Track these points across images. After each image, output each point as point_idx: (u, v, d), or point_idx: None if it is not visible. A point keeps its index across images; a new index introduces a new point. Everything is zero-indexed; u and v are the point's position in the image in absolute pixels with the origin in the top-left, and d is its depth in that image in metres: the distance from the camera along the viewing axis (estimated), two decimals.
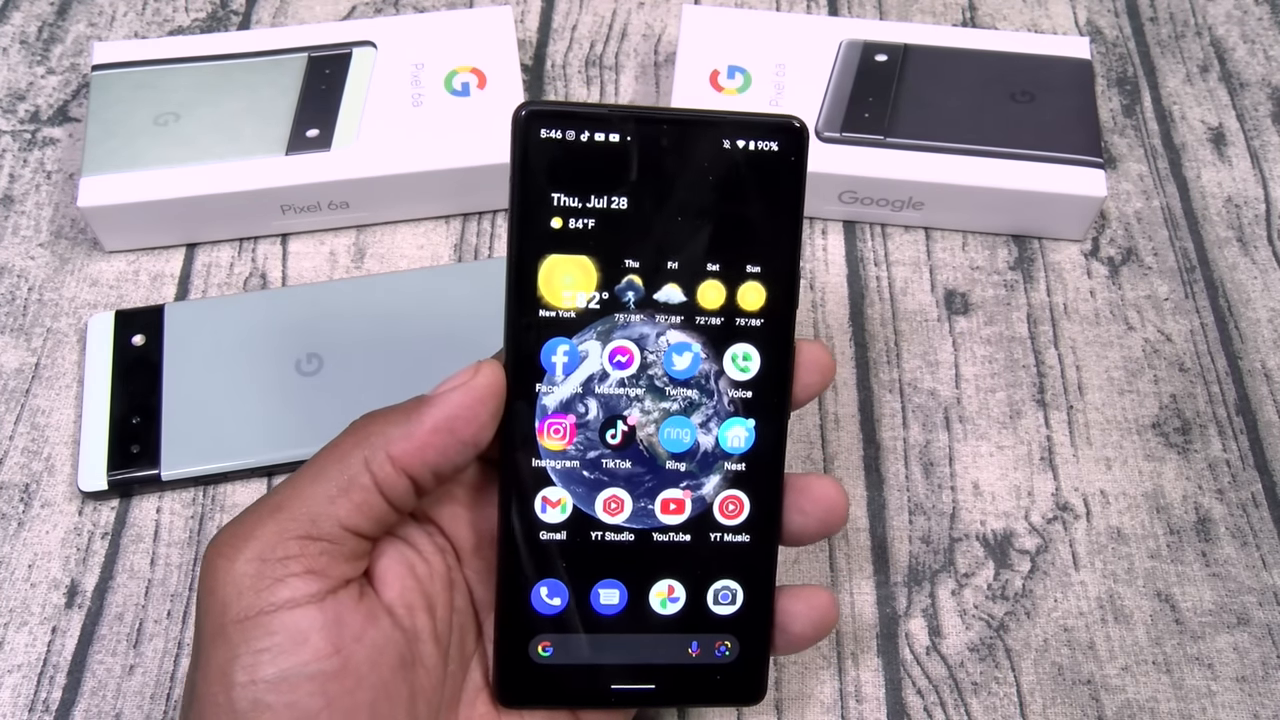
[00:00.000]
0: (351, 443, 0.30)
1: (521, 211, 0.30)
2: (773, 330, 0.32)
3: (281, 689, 0.28)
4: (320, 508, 0.29)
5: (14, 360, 0.45)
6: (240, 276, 0.48)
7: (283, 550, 0.29)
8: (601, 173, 0.30)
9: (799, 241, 0.32)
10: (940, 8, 0.57)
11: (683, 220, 0.31)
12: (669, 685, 0.33)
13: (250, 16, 0.55)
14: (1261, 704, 0.39)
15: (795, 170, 0.31)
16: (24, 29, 0.55)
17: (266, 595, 0.28)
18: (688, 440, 0.32)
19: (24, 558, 0.41)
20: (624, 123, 0.30)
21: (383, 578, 0.31)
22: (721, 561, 0.33)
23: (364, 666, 0.29)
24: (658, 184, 0.31)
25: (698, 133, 0.31)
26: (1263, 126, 0.53)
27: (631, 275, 0.31)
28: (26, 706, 0.38)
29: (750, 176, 0.31)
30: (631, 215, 0.31)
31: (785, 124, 0.31)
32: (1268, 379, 0.46)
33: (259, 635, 0.28)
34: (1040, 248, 0.49)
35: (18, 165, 0.51)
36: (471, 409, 0.30)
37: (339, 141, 0.47)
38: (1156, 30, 0.56)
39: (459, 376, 0.30)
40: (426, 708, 0.31)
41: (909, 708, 0.39)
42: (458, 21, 0.51)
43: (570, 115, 0.30)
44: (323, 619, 0.28)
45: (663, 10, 0.56)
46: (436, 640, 0.32)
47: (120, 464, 0.42)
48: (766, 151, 0.31)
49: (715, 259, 0.31)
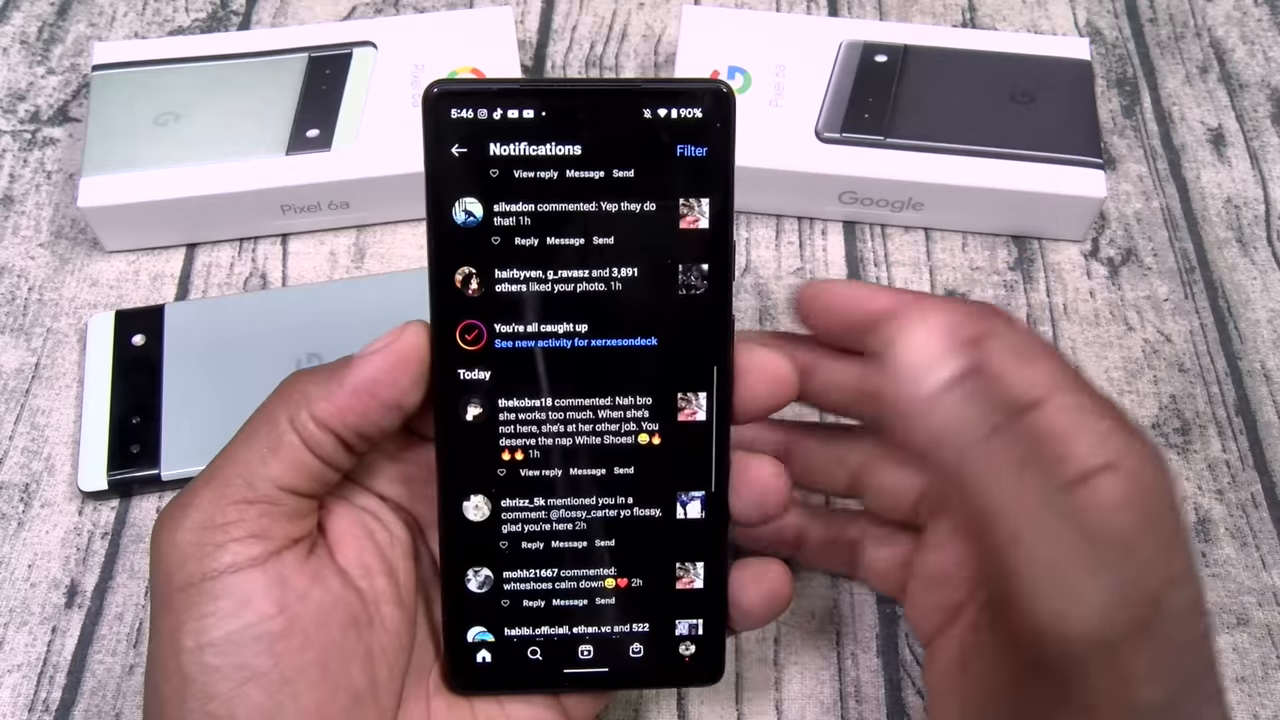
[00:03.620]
0: (276, 402, 0.30)
1: (436, 200, 0.29)
2: (707, 314, 0.31)
3: (228, 651, 0.28)
4: (254, 470, 0.29)
5: (14, 360, 0.46)
6: (240, 276, 0.48)
7: (222, 516, 0.29)
8: (519, 151, 0.29)
9: (730, 213, 0.30)
10: (940, 8, 0.57)
11: (605, 197, 0.30)
12: (623, 668, 0.33)
13: (250, 17, 0.56)
14: (1261, 704, 0.39)
15: (723, 138, 0.29)
16: (24, 29, 0.55)
17: (208, 561, 0.28)
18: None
19: (24, 558, 0.41)
20: (537, 97, 0.29)
21: (339, 541, 0.31)
22: (671, 540, 0.32)
23: (311, 626, 0.29)
24: (576, 160, 0.29)
25: (616, 103, 0.29)
26: (1262, 127, 0.53)
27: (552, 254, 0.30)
28: (26, 706, 0.38)
29: (674, 147, 0.29)
30: (551, 194, 0.30)
31: (712, 88, 0.29)
32: (1267, 379, 0.46)
33: (203, 600, 0.28)
34: (1040, 248, 0.49)
35: (18, 165, 0.51)
36: (391, 372, 0.30)
37: (339, 141, 0.47)
38: (1156, 31, 0.56)
39: (384, 338, 0.30)
40: (388, 670, 0.31)
41: (909, 708, 0.39)
42: (458, 21, 0.51)
43: (481, 93, 0.29)
44: (265, 580, 0.29)
45: (663, 10, 0.56)
46: (400, 604, 0.32)
47: (120, 464, 0.42)
48: (691, 119, 0.29)
49: (642, 237, 0.30)
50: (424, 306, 0.30)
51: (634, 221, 0.30)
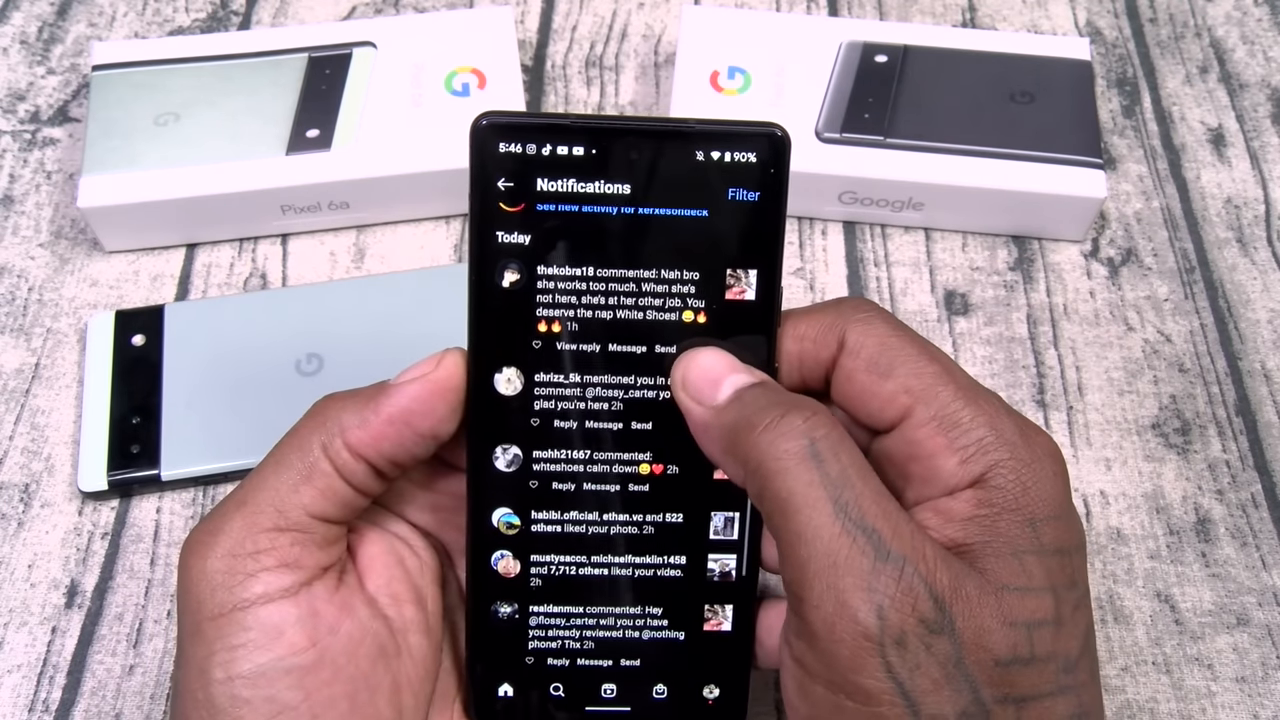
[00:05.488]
0: (310, 428, 0.29)
1: (481, 228, 0.29)
2: (754, 354, 0.30)
3: (259, 684, 0.28)
4: (285, 497, 0.29)
5: (14, 360, 0.45)
6: (240, 276, 0.48)
7: (253, 544, 0.28)
8: (565, 187, 0.29)
9: (780, 258, 0.30)
10: (940, 8, 0.57)
11: (651, 239, 0.29)
12: (645, 708, 0.33)
13: (250, 17, 0.55)
14: (1261, 704, 0.39)
15: (776, 183, 0.29)
16: (24, 29, 0.55)
17: (240, 591, 0.28)
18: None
19: (24, 558, 0.41)
20: (588, 135, 0.28)
21: (368, 567, 0.31)
22: (699, 590, 0.32)
23: (341, 658, 0.29)
24: (625, 199, 0.29)
25: (667, 144, 0.29)
26: (1262, 127, 0.53)
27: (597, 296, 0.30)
28: (26, 706, 0.38)
29: (726, 191, 0.29)
30: (596, 232, 0.29)
31: (766, 132, 0.29)
32: (1267, 379, 0.46)
33: (234, 631, 0.28)
34: (1040, 248, 0.49)
35: (18, 165, 0.51)
36: (428, 402, 0.29)
37: (339, 141, 0.47)
38: (1156, 31, 0.56)
39: (420, 367, 0.30)
40: (414, 699, 0.31)
41: None
42: (458, 22, 0.51)
43: (531, 129, 0.28)
44: (297, 613, 0.28)
45: (663, 10, 0.56)
46: (427, 633, 0.31)
47: (120, 464, 0.42)
48: (744, 163, 0.29)
49: (689, 279, 0.30)
50: (424, 306, 0.30)
51: (679, 274, 0.30)
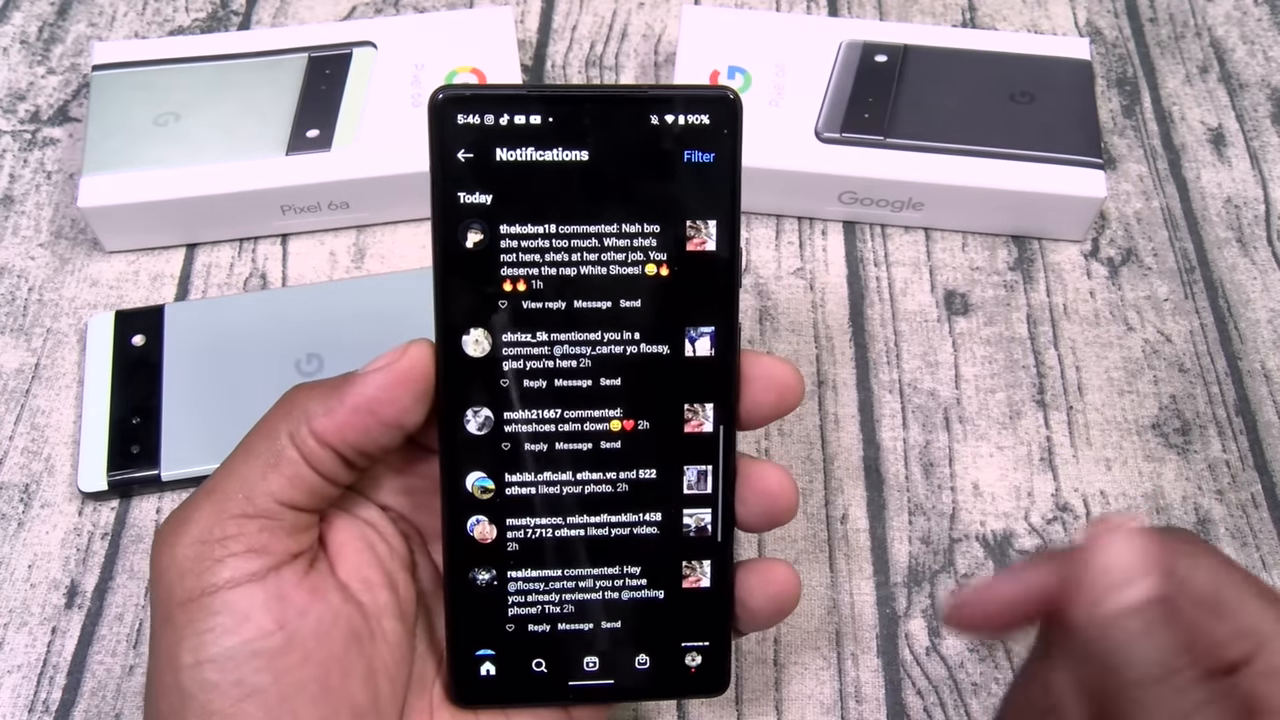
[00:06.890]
0: (278, 417, 0.30)
1: (443, 190, 0.29)
2: (715, 315, 0.31)
3: (227, 667, 0.28)
4: (253, 484, 0.29)
5: (14, 360, 0.45)
6: (240, 276, 0.48)
7: (220, 530, 0.29)
8: (524, 153, 0.29)
9: (738, 209, 0.30)
10: (940, 8, 0.57)
11: (611, 197, 0.30)
12: (628, 680, 0.33)
13: (250, 17, 0.55)
14: None
15: (730, 145, 0.30)
16: (24, 29, 0.55)
17: (207, 576, 0.28)
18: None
19: (24, 558, 0.41)
20: (544, 104, 0.29)
21: (340, 552, 0.31)
22: (678, 545, 0.32)
23: (311, 642, 0.29)
24: (583, 164, 0.29)
25: (623, 110, 0.29)
26: (1262, 127, 0.53)
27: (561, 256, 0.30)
28: (26, 707, 0.38)
29: (682, 153, 0.29)
30: (558, 192, 0.30)
31: (719, 95, 0.29)
32: (1267, 379, 0.46)
33: (202, 616, 0.28)
34: (1040, 248, 0.49)
35: (18, 165, 0.51)
36: (393, 391, 0.29)
37: (339, 142, 0.47)
38: (1156, 31, 0.56)
39: (386, 356, 0.30)
40: (390, 684, 0.31)
41: (909, 708, 0.39)
42: (458, 21, 0.51)
43: (488, 99, 0.29)
44: (264, 596, 0.28)
45: (663, 10, 0.56)
46: (401, 617, 0.31)
47: (120, 464, 0.42)
48: (698, 125, 0.29)
49: (650, 233, 0.30)
50: (423, 306, 0.30)
51: (640, 228, 0.30)
